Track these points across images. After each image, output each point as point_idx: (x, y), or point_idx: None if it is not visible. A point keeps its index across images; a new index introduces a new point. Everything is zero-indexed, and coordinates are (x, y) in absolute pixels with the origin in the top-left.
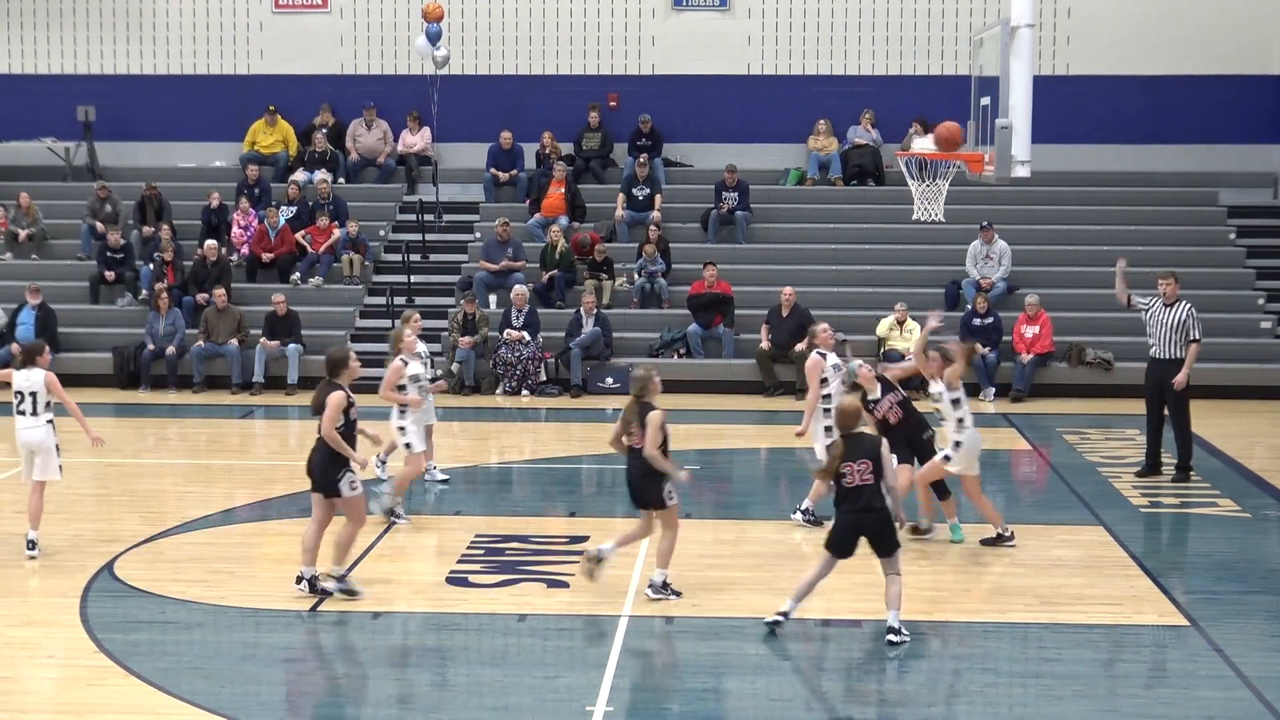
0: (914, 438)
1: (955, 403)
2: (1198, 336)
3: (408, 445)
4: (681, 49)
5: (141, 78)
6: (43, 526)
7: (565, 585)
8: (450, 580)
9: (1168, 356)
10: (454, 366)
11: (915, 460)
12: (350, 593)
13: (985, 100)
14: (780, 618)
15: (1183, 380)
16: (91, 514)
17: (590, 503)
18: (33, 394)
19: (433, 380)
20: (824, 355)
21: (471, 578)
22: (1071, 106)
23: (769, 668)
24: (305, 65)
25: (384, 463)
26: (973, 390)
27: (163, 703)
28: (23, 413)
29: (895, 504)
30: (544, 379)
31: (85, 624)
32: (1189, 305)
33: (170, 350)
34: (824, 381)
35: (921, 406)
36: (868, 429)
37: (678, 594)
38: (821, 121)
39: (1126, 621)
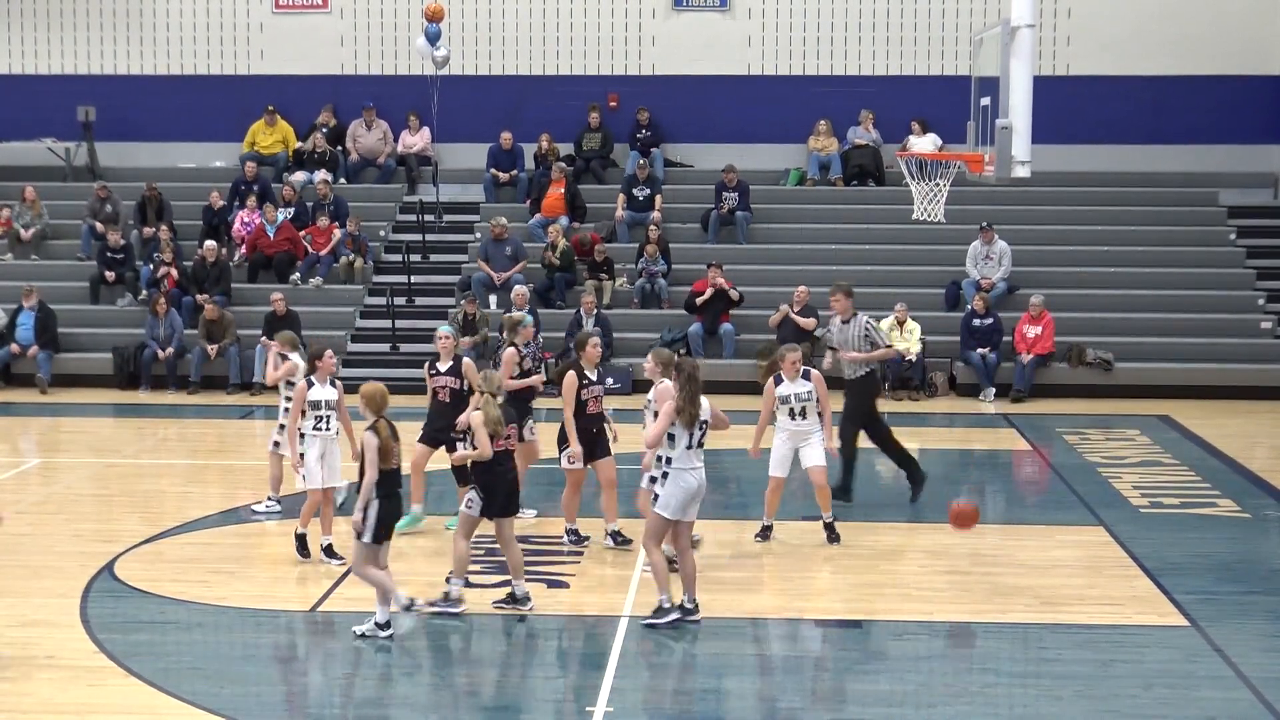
0: None
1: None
2: (888, 344)
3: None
4: (682, 49)
5: (142, 78)
6: (43, 526)
7: (565, 585)
8: (451, 581)
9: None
10: None
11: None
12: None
13: (985, 100)
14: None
15: (858, 358)
16: (91, 514)
17: (590, 503)
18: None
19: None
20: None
21: (472, 578)
22: (1071, 107)
23: (768, 668)
24: (305, 65)
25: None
26: (973, 390)
27: (163, 703)
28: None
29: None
30: (544, 379)
31: (85, 624)
32: (865, 318)
33: (168, 352)
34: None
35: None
36: None
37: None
38: (822, 122)
39: (1127, 622)
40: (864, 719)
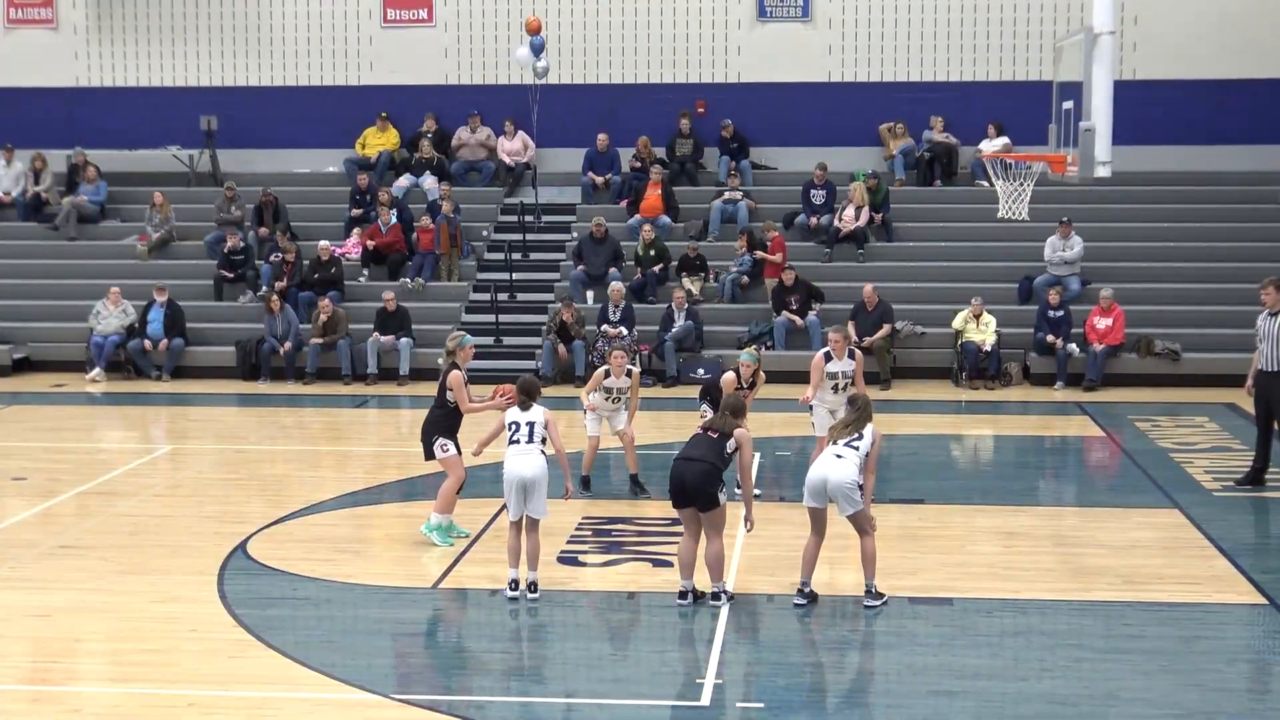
0: None
1: None
2: None
3: None
4: (765, 58)
5: (259, 89)
6: (178, 508)
7: (669, 565)
8: (561, 559)
9: (1276, 369)
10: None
11: None
12: None
13: (1067, 104)
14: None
15: None
16: (221, 497)
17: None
18: (530, 424)
19: None
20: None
21: (581, 557)
22: (1138, 109)
23: (864, 644)
24: (411, 76)
25: None
26: (1046, 380)
27: (299, 674)
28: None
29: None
30: (639, 370)
31: (223, 600)
32: None
33: (286, 346)
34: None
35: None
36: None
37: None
38: (899, 125)
39: (1206, 600)
40: (960, 691)
